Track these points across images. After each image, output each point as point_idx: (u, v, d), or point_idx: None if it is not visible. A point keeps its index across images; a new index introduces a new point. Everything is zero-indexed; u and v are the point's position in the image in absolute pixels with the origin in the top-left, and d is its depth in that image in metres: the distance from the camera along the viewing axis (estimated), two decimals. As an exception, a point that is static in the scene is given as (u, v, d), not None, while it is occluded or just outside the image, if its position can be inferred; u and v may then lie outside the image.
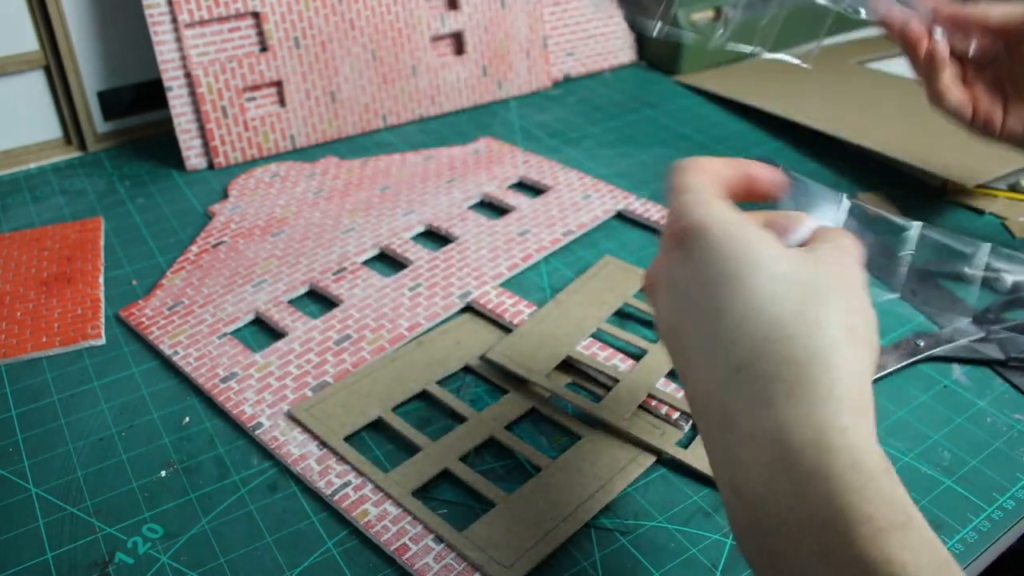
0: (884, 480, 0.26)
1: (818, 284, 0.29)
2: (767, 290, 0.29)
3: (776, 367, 0.28)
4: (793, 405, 0.27)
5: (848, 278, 0.31)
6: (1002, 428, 0.44)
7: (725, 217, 0.32)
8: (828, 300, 0.29)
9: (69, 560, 0.38)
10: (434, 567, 0.37)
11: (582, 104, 0.82)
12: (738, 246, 0.30)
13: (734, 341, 0.29)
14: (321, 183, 0.67)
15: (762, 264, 0.30)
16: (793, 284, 0.29)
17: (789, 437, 0.26)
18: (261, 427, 0.44)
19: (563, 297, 0.53)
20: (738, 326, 0.29)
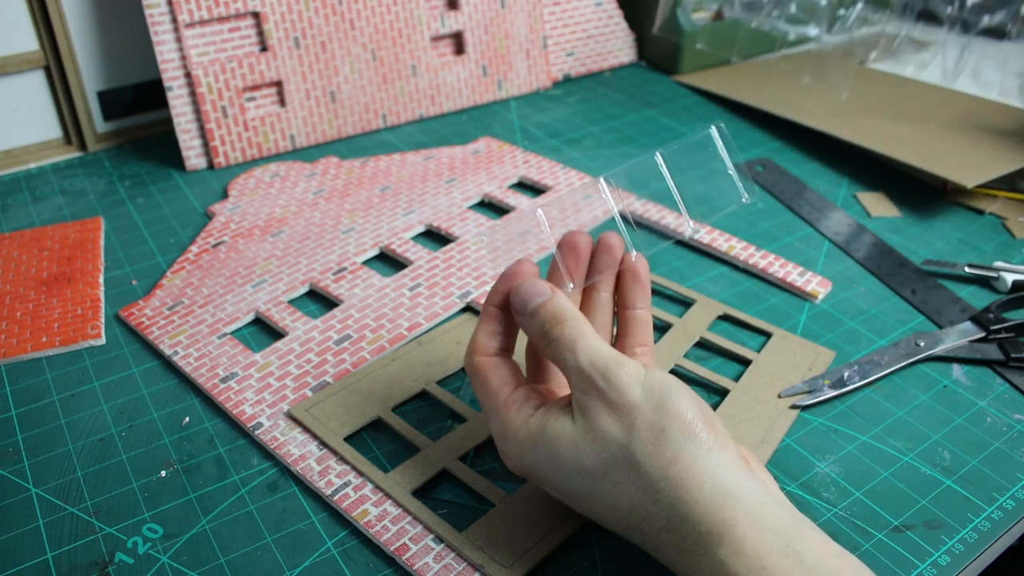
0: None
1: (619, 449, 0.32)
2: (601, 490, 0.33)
3: (656, 539, 0.32)
4: (685, 561, 0.31)
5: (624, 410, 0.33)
6: (1002, 428, 0.44)
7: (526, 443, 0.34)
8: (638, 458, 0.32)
9: (69, 560, 0.38)
10: (434, 567, 0.37)
11: (582, 104, 0.82)
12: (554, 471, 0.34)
13: (625, 531, 0.33)
14: (321, 183, 0.67)
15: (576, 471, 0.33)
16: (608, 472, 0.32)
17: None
18: (261, 427, 0.44)
19: (563, 297, 0.53)
20: (616, 522, 0.33)
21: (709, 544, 0.30)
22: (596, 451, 0.32)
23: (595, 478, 0.32)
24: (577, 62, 0.87)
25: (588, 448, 0.32)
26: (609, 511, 0.33)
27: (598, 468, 0.32)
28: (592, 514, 0.34)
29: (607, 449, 0.32)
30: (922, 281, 0.56)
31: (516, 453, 0.35)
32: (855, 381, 0.47)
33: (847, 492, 0.41)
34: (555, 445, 0.33)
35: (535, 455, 0.34)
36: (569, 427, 0.33)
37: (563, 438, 0.33)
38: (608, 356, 0.33)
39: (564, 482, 0.34)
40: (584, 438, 0.33)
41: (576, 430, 0.33)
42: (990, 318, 0.50)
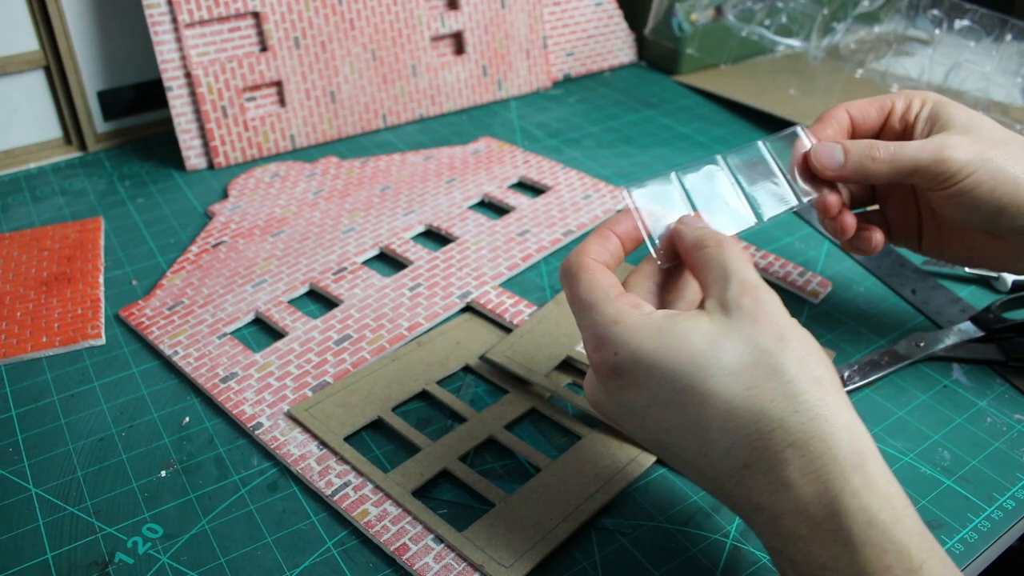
0: (897, 530, 0.29)
1: (767, 355, 0.31)
2: (731, 390, 0.31)
3: (780, 455, 0.30)
4: (808, 483, 0.29)
5: (779, 327, 0.32)
6: (1002, 428, 0.44)
7: (646, 329, 0.32)
8: (785, 367, 0.31)
9: (69, 560, 0.38)
10: (434, 567, 0.37)
11: (582, 104, 0.82)
12: (678, 357, 0.32)
13: (729, 448, 0.31)
14: (321, 183, 0.67)
15: (710, 363, 0.31)
16: (746, 370, 0.31)
17: (813, 512, 0.29)
18: (261, 427, 0.44)
19: (563, 297, 0.53)
20: (726, 433, 0.31)
21: (844, 469, 0.29)
22: (739, 349, 0.31)
23: (727, 375, 0.31)
24: (577, 62, 0.87)
25: (730, 345, 0.31)
26: (723, 418, 0.31)
27: (736, 365, 0.31)
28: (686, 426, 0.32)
29: (753, 351, 0.31)
30: (922, 281, 0.56)
31: (627, 340, 0.32)
32: (855, 381, 0.47)
33: (847, 492, 0.41)
34: (687, 336, 0.32)
35: (652, 343, 0.32)
36: (707, 323, 0.32)
37: (699, 331, 0.32)
38: (759, 283, 0.34)
39: (679, 378, 0.31)
40: (727, 335, 0.32)
41: (717, 326, 0.32)
42: (990, 318, 0.50)
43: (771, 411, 0.30)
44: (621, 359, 0.33)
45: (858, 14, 0.82)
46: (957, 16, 0.80)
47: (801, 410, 0.30)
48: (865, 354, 0.49)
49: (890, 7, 0.83)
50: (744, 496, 0.31)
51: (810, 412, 0.30)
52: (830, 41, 0.83)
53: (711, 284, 0.34)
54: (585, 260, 0.35)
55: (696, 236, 0.35)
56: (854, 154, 0.43)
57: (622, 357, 0.33)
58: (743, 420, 0.31)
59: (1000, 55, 0.79)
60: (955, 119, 0.43)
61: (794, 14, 0.83)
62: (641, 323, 0.33)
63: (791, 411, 0.30)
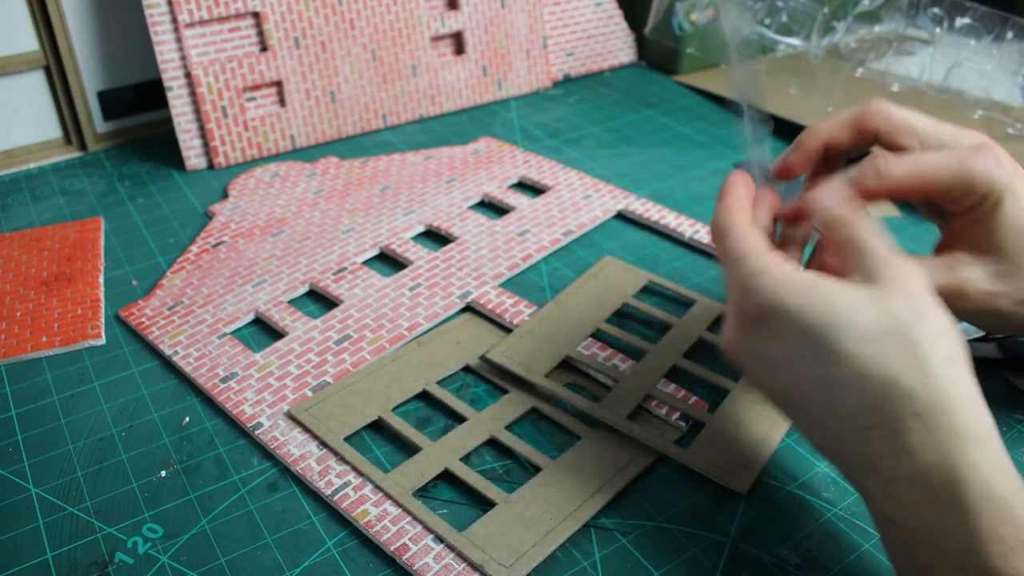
0: (1015, 504, 0.29)
1: (904, 327, 0.32)
2: (866, 354, 0.32)
3: (904, 422, 0.31)
4: (928, 452, 0.30)
5: (919, 302, 0.33)
6: (1002, 428, 0.44)
7: (791, 285, 0.33)
8: (920, 340, 0.31)
9: (69, 560, 0.38)
10: (434, 567, 0.37)
11: (582, 104, 0.82)
12: (818, 315, 0.32)
13: (856, 408, 0.32)
14: (321, 183, 0.67)
15: (849, 325, 0.32)
16: (884, 337, 0.32)
17: (930, 479, 0.30)
18: (261, 427, 0.44)
19: (563, 297, 0.53)
20: (854, 394, 0.32)
21: (965, 442, 0.30)
22: (877, 316, 0.32)
23: (863, 339, 0.32)
24: (577, 62, 0.87)
25: (869, 310, 0.32)
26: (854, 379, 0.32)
27: (872, 330, 0.32)
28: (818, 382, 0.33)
29: (891, 321, 0.32)
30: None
31: (773, 291, 0.33)
32: None
33: (847, 492, 0.41)
34: (830, 298, 0.33)
35: (797, 299, 0.33)
36: (850, 290, 0.33)
37: (841, 295, 0.33)
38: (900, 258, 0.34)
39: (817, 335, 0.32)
40: (867, 302, 0.32)
41: (858, 293, 0.33)
42: None
43: (901, 380, 0.31)
44: (765, 309, 0.34)
45: (858, 13, 0.82)
46: (958, 14, 0.80)
47: (930, 384, 0.31)
48: None
49: (890, 6, 0.83)
50: (862, 456, 0.32)
51: (938, 387, 0.31)
52: (830, 40, 0.83)
53: (851, 260, 0.35)
54: (736, 217, 0.37)
55: (828, 216, 0.37)
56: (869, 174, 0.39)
57: (767, 307, 0.34)
58: (873, 383, 0.31)
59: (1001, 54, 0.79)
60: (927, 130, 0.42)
61: (794, 13, 0.83)
62: (788, 278, 0.34)
63: (920, 383, 0.31)
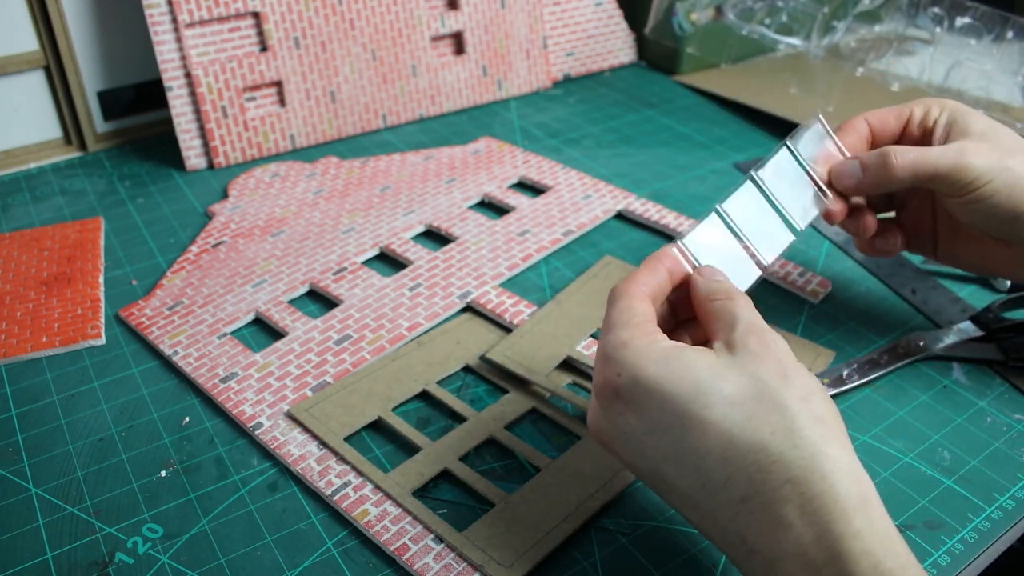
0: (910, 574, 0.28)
1: (769, 390, 0.31)
2: (731, 419, 0.31)
3: (779, 491, 0.30)
4: (810, 524, 0.29)
5: (783, 366, 0.32)
6: (1002, 428, 0.44)
7: (652, 353, 0.33)
8: (787, 402, 0.31)
9: (69, 560, 0.38)
10: (434, 567, 0.37)
11: (582, 104, 0.82)
12: (680, 382, 0.32)
13: (727, 479, 0.31)
14: (321, 183, 0.67)
15: (711, 390, 0.31)
16: (748, 402, 0.31)
17: (813, 555, 0.29)
18: (261, 427, 0.44)
19: (563, 297, 0.53)
20: (723, 464, 0.31)
21: (846, 509, 0.29)
22: (742, 382, 0.31)
23: (728, 405, 0.31)
24: (577, 62, 0.87)
25: (734, 377, 0.32)
26: (723, 447, 0.31)
27: (738, 396, 0.31)
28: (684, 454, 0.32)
29: (756, 385, 0.31)
30: (922, 281, 0.56)
31: (631, 362, 0.33)
32: (854, 380, 0.47)
33: (847, 492, 0.41)
34: (691, 365, 0.32)
35: (656, 368, 0.32)
36: (712, 357, 0.33)
37: (703, 362, 0.32)
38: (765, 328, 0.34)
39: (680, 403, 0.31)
40: (731, 368, 0.32)
41: (721, 360, 0.33)
42: (990, 318, 0.50)
43: (771, 444, 0.30)
44: (623, 380, 0.33)
45: (859, 13, 0.82)
46: (958, 14, 0.80)
47: (801, 445, 0.30)
48: (865, 353, 0.49)
49: (890, 5, 0.83)
50: (739, 535, 0.31)
51: (811, 448, 0.30)
52: (831, 40, 0.83)
53: (719, 330, 0.34)
54: (631, 288, 0.36)
55: (708, 289, 0.36)
56: (872, 167, 0.44)
57: (624, 378, 0.33)
58: (742, 450, 0.30)
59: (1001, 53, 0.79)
60: (973, 126, 0.44)
61: (794, 13, 0.83)
62: (648, 348, 0.33)
63: (791, 445, 0.30)
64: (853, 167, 0.45)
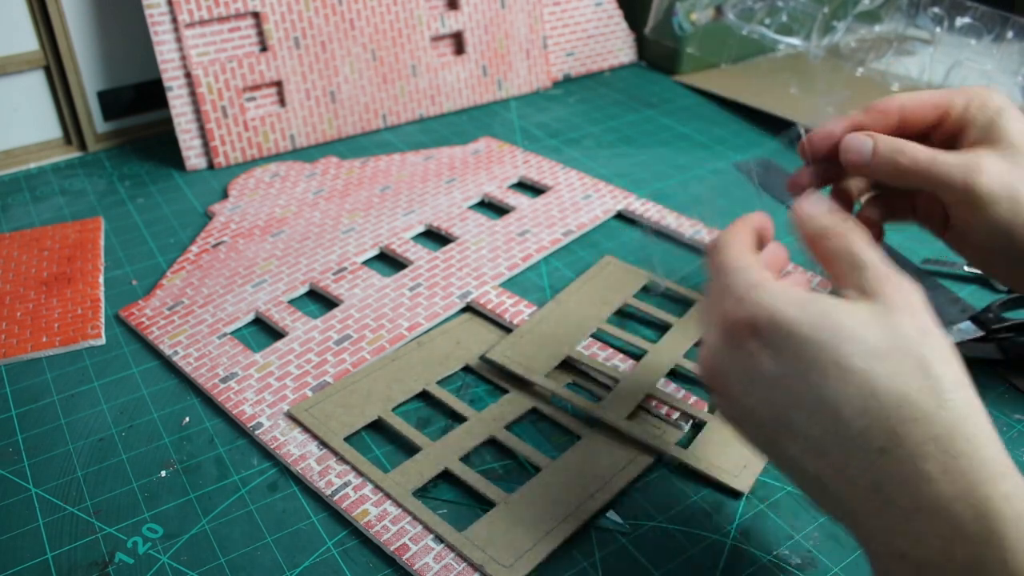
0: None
1: (913, 345, 0.30)
2: (875, 370, 0.30)
3: (921, 447, 0.28)
4: (953, 481, 0.28)
5: (923, 321, 0.31)
6: (1002, 428, 0.44)
7: (791, 297, 0.32)
8: (931, 362, 0.30)
9: (69, 560, 0.38)
10: (434, 567, 0.37)
11: (582, 104, 0.82)
12: (821, 327, 0.31)
13: (867, 427, 0.29)
14: (321, 183, 0.67)
15: (854, 339, 0.30)
16: (892, 355, 0.30)
17: (957, 510, 0.28)
18: (261, 427, 0.44)
19: (563, 297, 0.53)
20: (862, 414, 0.29)
21: (992, 473, 0.28)
22: (884, 334, 0.30)
23: (872, 355, 0.30)
24: (577, 62, 0.87)
25: (876, 327, 0.30)
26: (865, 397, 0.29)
27: (882, 348, 0.30)
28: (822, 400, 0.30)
29: (899, 339, 0.30)
30: (922, 281, 0.56)
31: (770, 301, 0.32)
32: None
33: (847, 492, 0.41)
34: (830, 311, 0.31)
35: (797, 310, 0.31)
36: (850, 305, 0.31)
37: (844, 310, 0.31)
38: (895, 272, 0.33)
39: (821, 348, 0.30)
40: (871, 318, 0.31)
41: (860, 308, 0.31)
42: (990, 317, 0.50)
43: (917, 400, 0.29)
44: (762, 320, 0.31)
45: (859, 13, 0.82)
46: (958, 14, 0.80)
47: (947, 407, 0.29)
48: None
49: (890, 5, 0.83)
50: (875, 484, 0.29)
51: (957, 411, 0.29)
52: (831, 40, 0.83)
53: (845, 274, 0.33)
54: (735, 239, 0.35)
55: (819, 224, 0.35)
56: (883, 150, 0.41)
57: (764, 317, 0.31)
58: (885, 402, 0.29)
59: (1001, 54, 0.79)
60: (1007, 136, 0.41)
61: (795, 13, 0.83)
62: (784, 291, 0.32)
63: (936, 405, 0.29)
64: (864, 145, 0.42)
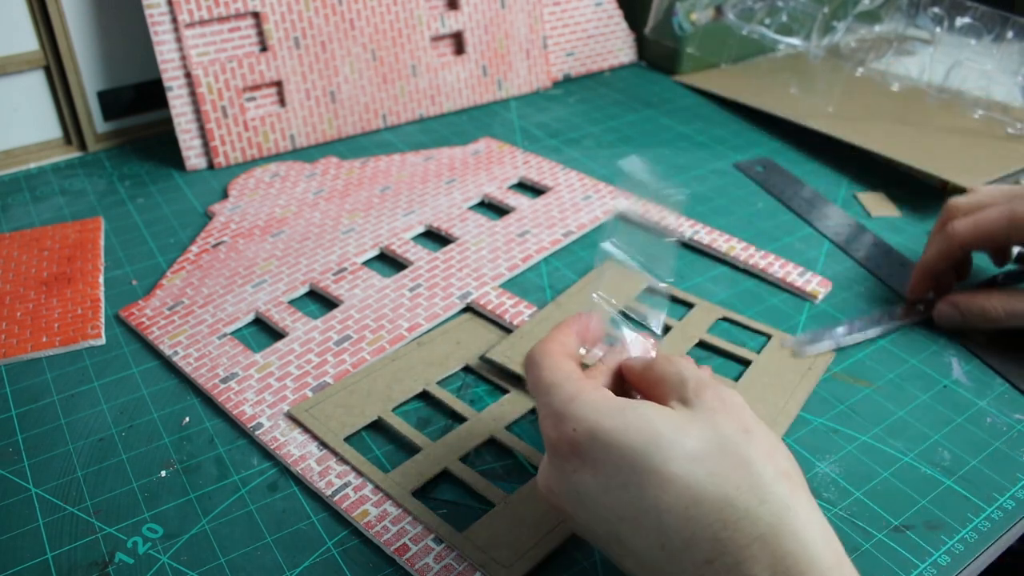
0: None
1: (732, 444, 0.30)
2: (695, 474, 0.29)
3: (747, 550, 0.28)
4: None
5: (744, 419, 0.31)
6: (1002, 428, 0.44)
7: (608, 406, 0.31)
8: (751, 457, 0.30)
9: (69, 560, 0.38)
10: (434, 567, 0.37)
11: (582, 104, 0.82)
12: (639, 434, 0.30)
13: (691, 538, 0.29)
14: (321, 183, 0.67)
15: (673, 444, 0.30)
16: (711, 456, 0.30)
17: None
18: (261, 427, 0.44)
19: (563, 299, 0.53)
20: (685, 523, 0.29)
21: (822, 570, 0.27)
22: (704, 436, 0.30)
23: (691, 460, 0.29)
24: (577, 62, 0.87)
25: (695, 431, 0.30)
26: (685, 504, 0.29)
27: (700, 451, 0.30)
28: (644, 512, 0.30)
29: (718, 439, 0.30)
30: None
31: (586, 415, 0.31)
32: (857, 333, 0.48)
33: (847, 492, 0.41)
34: (649, 418, 0.31)
35: (612, 421, 0.31)
36: (669, 411, 0.31)
37: (661, 416, 0.31)
38: (717, 382, 0.34)
39: (639, 458, 0.30)
40: (691, 422, 0.31)
41: (680, 414, 0.31)
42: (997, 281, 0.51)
43: (737, 500, 0.28)
44: (579, 434, 0.31)
45: (859, 13, 0.82)
46: (958, 14, 0.80)
47: (770, 500, 0.29)
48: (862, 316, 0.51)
49: (890, 5, 0.83)
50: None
51: (779, 504, 0.29)
52: (831, 40, 0.83)
53: (669, 391, 0.33)
54: (550, 347, 0.35)
55: (645, 362, 0.35)
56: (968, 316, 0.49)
57: (580, 432, 0.31)
58: (706, 507, 0.29)
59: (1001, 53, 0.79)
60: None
61: (794, 13, 0.83)
62: (602, 401, 0.32)
63: (758, 501, 0.28)
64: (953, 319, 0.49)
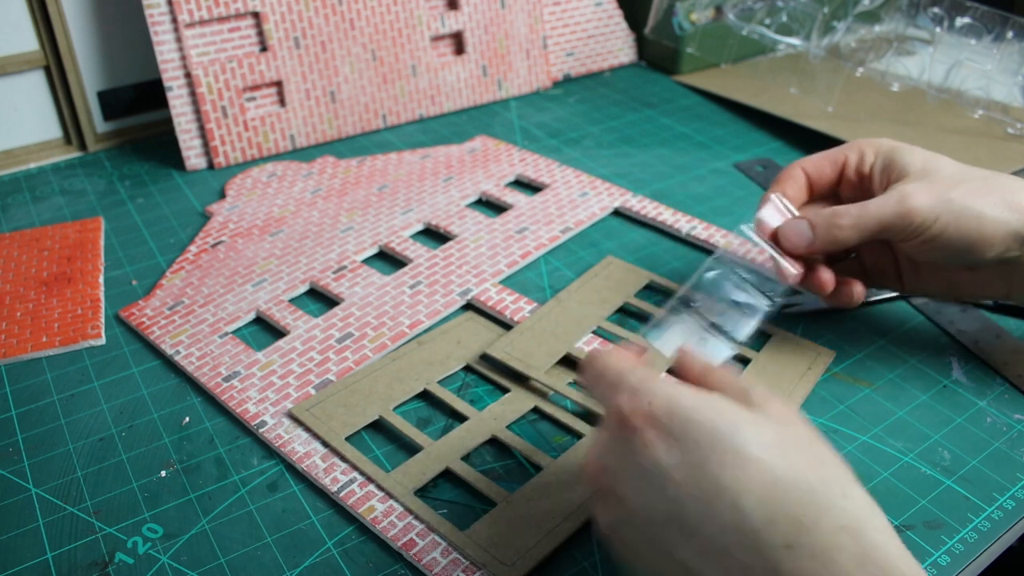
0: None
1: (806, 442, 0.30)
2: (774, 461, 0.29)
3: (832, 537, 0.28)
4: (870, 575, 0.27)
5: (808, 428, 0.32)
6: (1002, 428, 0.44)
7: (688, 391, 0.32)
8: (826, 458, 0.30)
9: (69, 560, 0.38)
10: (441, 562, 0.37)
11: (582, 104, 0.82)
12: (715, 418, 0.30)
13: (768, 522, 0.28)
14: (318, 182, 0.67)
15: (749, 431, 0.30)
16: (790, 447, 0.30)
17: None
18: (265, 425, 0.44)
19: (564, 296, 0.53)
20: (764, 506, 0.28)
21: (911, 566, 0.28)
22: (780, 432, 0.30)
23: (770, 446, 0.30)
24: (577, 62, 0.87)
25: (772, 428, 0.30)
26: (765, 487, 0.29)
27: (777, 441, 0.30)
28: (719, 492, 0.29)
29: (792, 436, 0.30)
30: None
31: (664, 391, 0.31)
32: None
33: (847, 491, 0.41)
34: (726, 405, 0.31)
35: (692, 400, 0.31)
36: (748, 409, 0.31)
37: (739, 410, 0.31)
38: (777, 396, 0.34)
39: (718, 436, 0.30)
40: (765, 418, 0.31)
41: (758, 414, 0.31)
42: None
43: (819, 490, 0.28)
44: (656, 408, 0.31)
45: (859, 13, 0.82)
46: (958, 14, 0.80)
47: (852, 497, 0.29)
48: None
49: (890, 5, 0.83)
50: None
51: (862, 500, 0.29)
52: (831, 40, 0.83)
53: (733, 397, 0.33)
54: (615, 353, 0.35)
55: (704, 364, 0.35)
56: (821, 227, 0.44)
57: (657, 406, 0.31)
58: (788, 493, 0.28)
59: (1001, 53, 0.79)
60: (910, 166, 0.44)
61: (794, 13, 0.83)
62: (680, 385, 0.32)
63: (841, 495, 0.29)
64: (803, 229, 0.44)
